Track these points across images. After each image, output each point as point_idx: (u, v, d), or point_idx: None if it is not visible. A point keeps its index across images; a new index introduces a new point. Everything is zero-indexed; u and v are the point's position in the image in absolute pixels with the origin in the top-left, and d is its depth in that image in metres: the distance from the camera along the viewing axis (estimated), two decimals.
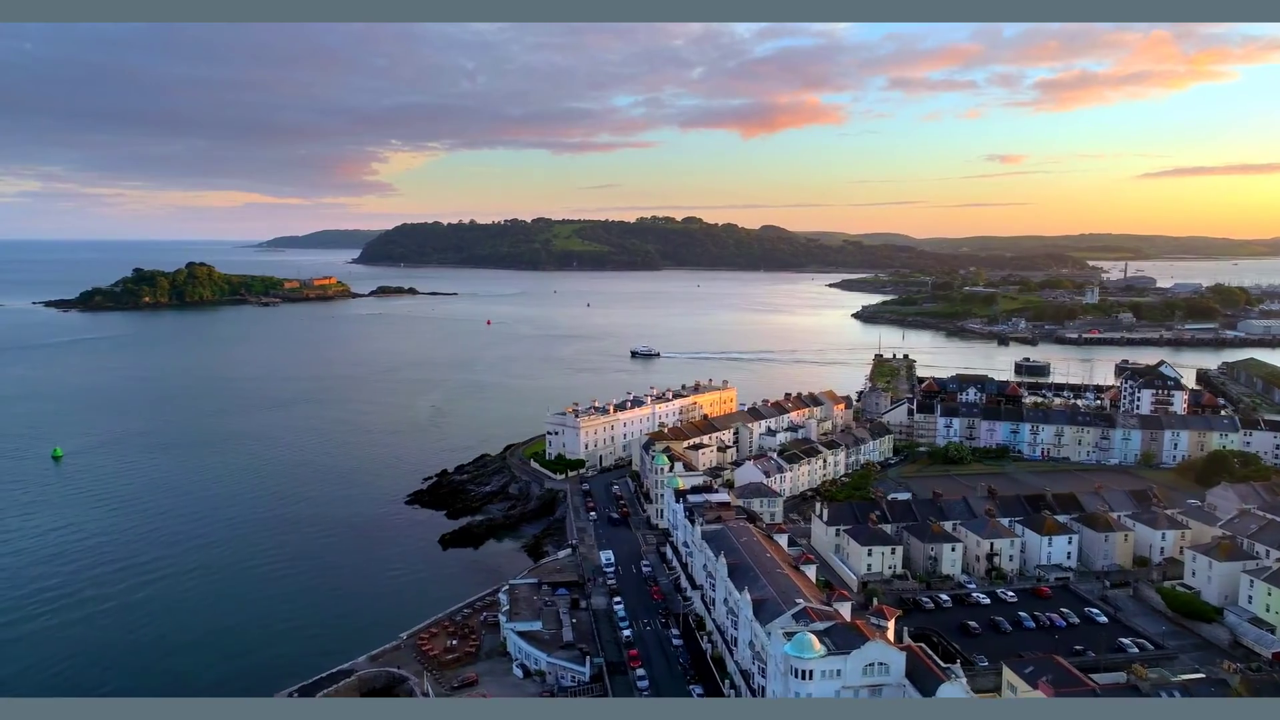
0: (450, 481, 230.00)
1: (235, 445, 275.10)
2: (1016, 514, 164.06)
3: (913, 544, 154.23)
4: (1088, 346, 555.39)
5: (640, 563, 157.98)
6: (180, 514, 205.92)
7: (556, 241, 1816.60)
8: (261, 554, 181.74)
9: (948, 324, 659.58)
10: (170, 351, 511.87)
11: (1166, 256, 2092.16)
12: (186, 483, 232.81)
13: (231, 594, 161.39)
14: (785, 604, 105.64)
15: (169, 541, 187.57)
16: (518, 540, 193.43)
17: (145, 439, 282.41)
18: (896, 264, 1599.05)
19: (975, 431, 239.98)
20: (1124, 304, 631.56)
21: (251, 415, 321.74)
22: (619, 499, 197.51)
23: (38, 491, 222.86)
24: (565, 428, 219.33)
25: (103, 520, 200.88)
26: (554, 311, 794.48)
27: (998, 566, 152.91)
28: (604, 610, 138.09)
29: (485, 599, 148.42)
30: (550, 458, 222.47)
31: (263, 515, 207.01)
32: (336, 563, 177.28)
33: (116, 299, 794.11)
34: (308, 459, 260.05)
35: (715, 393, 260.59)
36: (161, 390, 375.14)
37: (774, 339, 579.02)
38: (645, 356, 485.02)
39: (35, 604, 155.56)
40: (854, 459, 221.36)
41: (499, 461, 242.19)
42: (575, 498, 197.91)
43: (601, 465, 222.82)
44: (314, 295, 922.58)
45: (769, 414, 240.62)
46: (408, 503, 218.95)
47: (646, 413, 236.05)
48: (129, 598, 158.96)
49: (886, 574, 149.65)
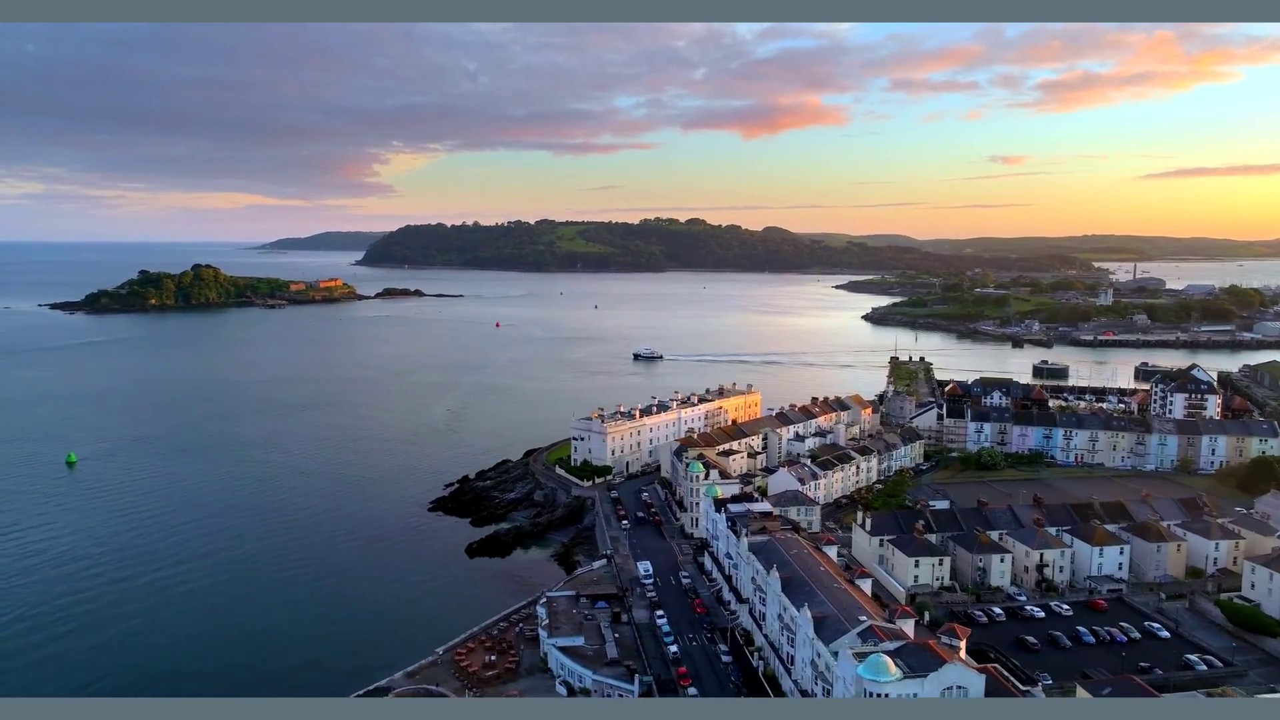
0: (473, 488, 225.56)
1: (250, 450, 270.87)
2: (1063, 523, 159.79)
3: (960, 555, 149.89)
4: (1103, 349, 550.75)
5: (679, 574, 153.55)
6: (197, 522, 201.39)
7: (560, 243, 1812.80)
8: (284, 564, 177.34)
9: (959, 326, 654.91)
10: (179, 354, 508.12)
11: (1170, 257, 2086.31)
12: (202, 489, 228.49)
13: (255, 607, 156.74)
14: (848, 621, 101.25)
15: (187, 551, 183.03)
16: (545, 549, 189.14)
17: (158, 444, 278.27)
18: (901, 265, 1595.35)
19: (1007, 437, 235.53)
20: (1138, 305, 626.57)
21: (265, 419, 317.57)
22: (649, 506, 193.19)
23: (53, 498, 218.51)
24: (591, 433, 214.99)
25: (118, 529, 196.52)
26: (562, 313, 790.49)
27: (1048, 578, 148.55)
28: (646, 624, 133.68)
29: (521, 611, 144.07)
30: (576, 463, 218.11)
31: (282, 523, 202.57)
32: (361, 572, 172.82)
33: (122, 301, 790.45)
34: (324, 464, 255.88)
35: (740, 397, 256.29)
36: (173, 393, 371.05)
37: (784, 341, 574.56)
38: (648, 359, 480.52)
39: (56, 613, 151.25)
40: (885, 465, 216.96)
41: (521, 467, 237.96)
42: (604, 505, 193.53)
43: (628, 471, 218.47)
44: (320, 297, 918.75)
45: (797, 419, 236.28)
46: (430, 510, 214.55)
47: (672, 417, 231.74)
48: (151, 615, 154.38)
49: (934, 586, 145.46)
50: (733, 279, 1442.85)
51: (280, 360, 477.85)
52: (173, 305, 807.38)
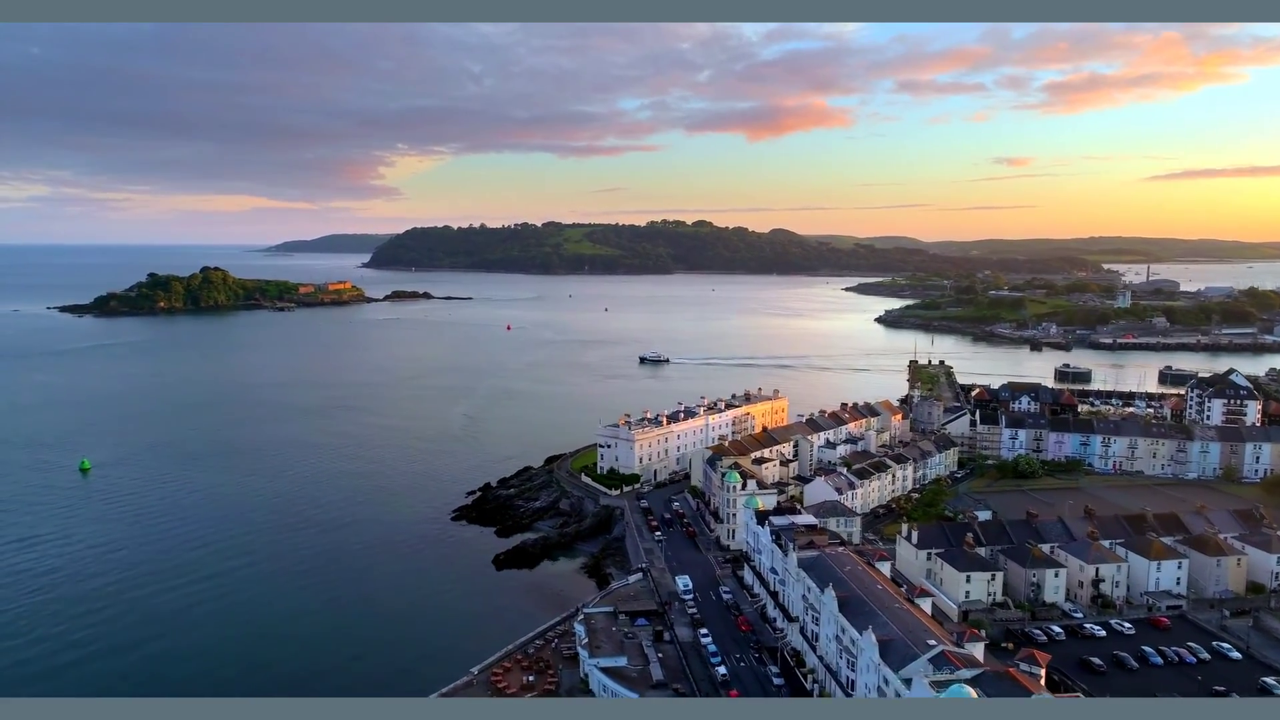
0: (496, 496, 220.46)
1: (265, 456, 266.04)
2: (1116, 536, 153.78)
3: (1011, 569, 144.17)
4: (1122, 351, 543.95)
5: (719, 589, 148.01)
6: (214, 533, 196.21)
7: (567, 245, 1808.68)
8: (304, 577, 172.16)
9: (974, 328, 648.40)
10: (190, 357, 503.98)
11: (1178, 259, 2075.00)
12: (219, 498, 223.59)
13: (275, 624, 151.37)
14: (916, 645, 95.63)
15: (204, 564, 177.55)
16: (574, 560, 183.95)
17: (173, 449, 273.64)
18: (910, 267, 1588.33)
19: (1043, 444, 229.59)
20: (1156, 308, 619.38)
21: (279, 424, 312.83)
22: (681, 516, 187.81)
23: (68, 508, 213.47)
24: (619, 440, 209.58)
25: (135, 540, 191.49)
26: (572, 316, 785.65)
27: (1103, 594, 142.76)
28: (690, 643, 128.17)
29: (557, 628, 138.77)
30: (602, 471, 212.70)
31: (301, 533, 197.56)
32: (386, 586, 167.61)
33: (131, 304, 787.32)
34: (342, 471, 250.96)
35: (766, 402, 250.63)
36: (185, 397, 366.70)
37: (798, 344, 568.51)
38: (654, 363, 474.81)
39: (78, 629, 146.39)
40: (920, 474, 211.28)
41: (545, 475, 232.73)
42: (634, 515, 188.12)
43: (656, 479, 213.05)
44: (329, 300, 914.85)
45: (827, 425, 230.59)
46: (454, 519, 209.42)
47: (700, 424, 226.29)
48: (170, 631, 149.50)
49: (986, 602, 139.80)
50: (741, 281, 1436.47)
51: (292, 364, 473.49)
52: (181, 308, 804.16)
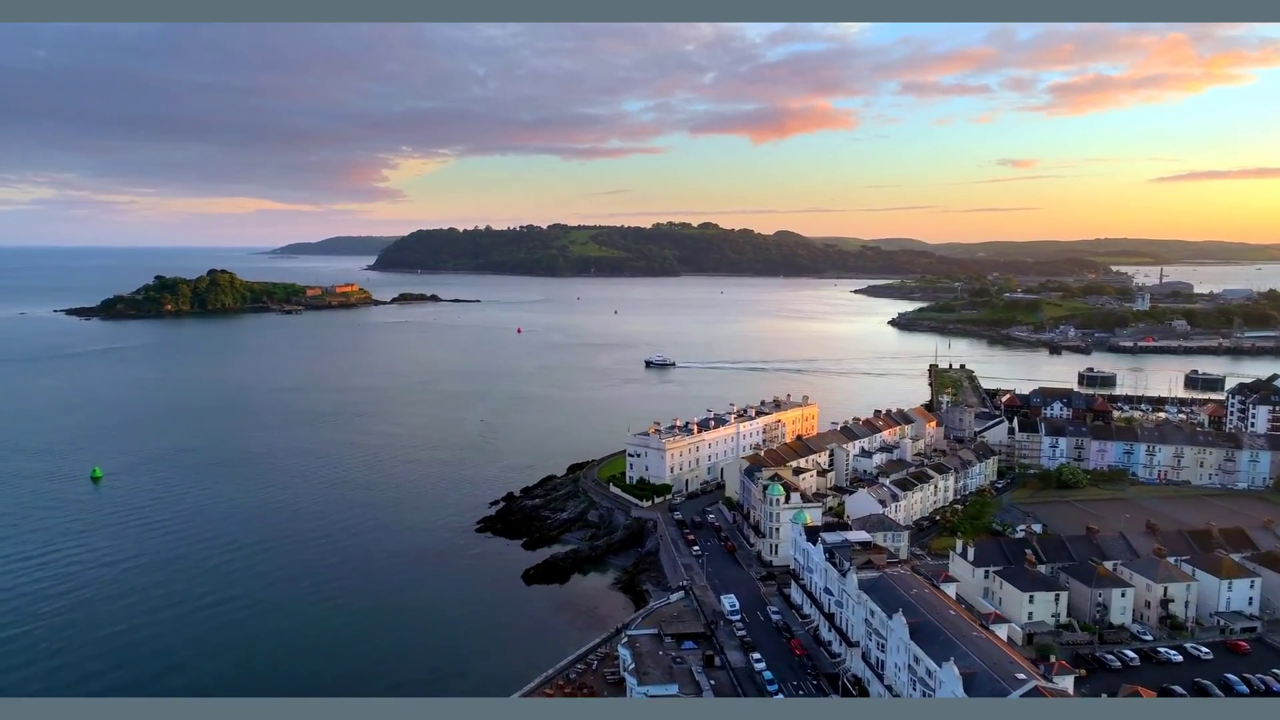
0: (521, 506, 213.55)
1: (280, 464, 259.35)
2: (1181, 552, 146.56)
3: (1075, 589, 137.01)
4: (1143, 355, 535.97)
5: (767, 609, 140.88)
6: (230, 545, 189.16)
7: (573, 248, 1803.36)
8: (326, 593, 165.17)
9: (990, 331, 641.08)
10: (200, 361, 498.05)
11: (1184, 261, 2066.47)
12: (233, 508, 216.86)
13: (302, 639, 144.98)
14: (1004, 680, 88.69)
15: (221, 579, 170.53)
16: (606, 574, 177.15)
17: (185, 457, 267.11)
18: (917, 269, 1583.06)
19: (1084, 452, 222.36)
20: (1176, 310, 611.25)
21: (293, 430, 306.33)
22: (717, 530, 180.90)
23: (81, 519, 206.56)
24: (649, 449, 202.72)
25: (150, 550, 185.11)
26: (581, 319, 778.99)
27: (1172, 614, 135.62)
28: (743, 668, 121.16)
29: (598, 650, 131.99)
30: (631, 481, 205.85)
31: (321, 545, 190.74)
32: (413, 603, 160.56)
33: (138, 306, 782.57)
34: (359, 479, 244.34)
35: (797, 409, 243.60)
36: (196, 402, 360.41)
37: (811, 348, 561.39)
38: (660, 366, 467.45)
39: (96, 651, 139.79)
40: (961, 484, 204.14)
41: (570, 484, 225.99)
42: (669, 528, 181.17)
43: (688, 490, 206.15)
44: (336, 303, 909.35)
45: (861, 433, 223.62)
46: (478, 530, 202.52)
47: (730, 432, 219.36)
48: (190, 656, 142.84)
49: (1050, 624, 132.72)
50: (748, 283, 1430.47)
51: (303, 368, 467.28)
52: (189, 311, 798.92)
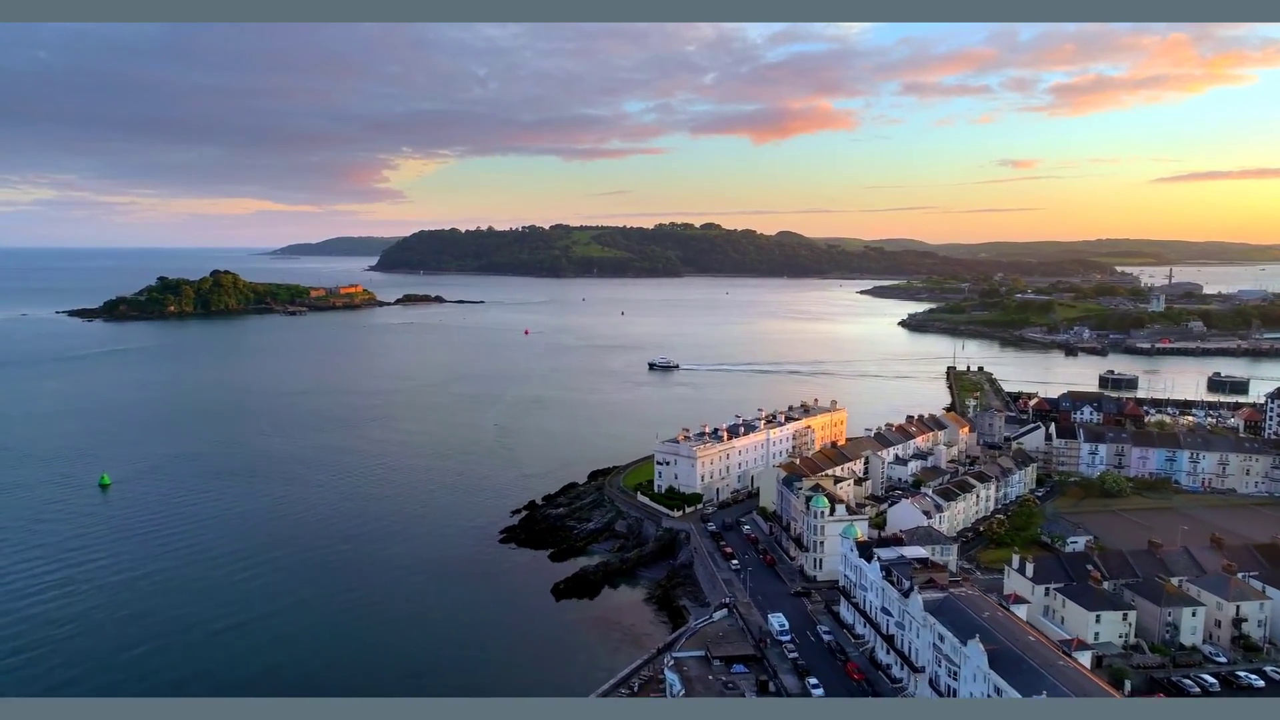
0: (545, 516, 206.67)
1: (292, 470, 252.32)
2: (1249, 567, 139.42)
3: (1143, 607, 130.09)
4: (1160, 356, 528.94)
5: (817, 629, 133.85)
6: (243, 556, 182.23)
7: (575, 248, 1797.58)
8: (349, 608, 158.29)
9: (1003, 333, 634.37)
10: (206, 364, 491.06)
11: (1186, 261, 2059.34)
12: (246, 515, 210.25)
13: (324, 655, 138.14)
14: None
15: (236, 591, 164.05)
16: (637, 588, 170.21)
17: (194, 463, 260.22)
18: (921, 270, 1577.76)
19: (1125, 459, 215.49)
20: (1192, 312, 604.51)
21: (304, 435, 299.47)
22: (754, 542, 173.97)
23: (90, 530, 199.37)
24: (679, 457, 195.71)
25: (159, 563, 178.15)
26: (589, 320, 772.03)
27: (1245, 635, 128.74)
28: (799, 695, 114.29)
29: (642, 673, 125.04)
30: (660, 490, 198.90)
31: (339, 557, 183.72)
32: (439, 619, 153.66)
33: (141, 308, 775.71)
34: (377, 486, 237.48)
35: (826, 415, 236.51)
36: (205, 406, 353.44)
37: (821, 349, 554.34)
38: (663, 369, 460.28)
39: (114, 672, 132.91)
40: (1002, 493, 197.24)
41: (594, 492, 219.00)
42: (703, 540, 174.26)
43: (719, 499, 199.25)
44: (340, 304, 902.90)
45: (895, 439, 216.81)
46: (502, 541, 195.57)
47: (761, 439, 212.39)
48: (209, 676, 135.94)
49: (1117, 645, 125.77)
50: (753, 284, 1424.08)
51: (311, 370, 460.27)
52: (192, 312, 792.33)
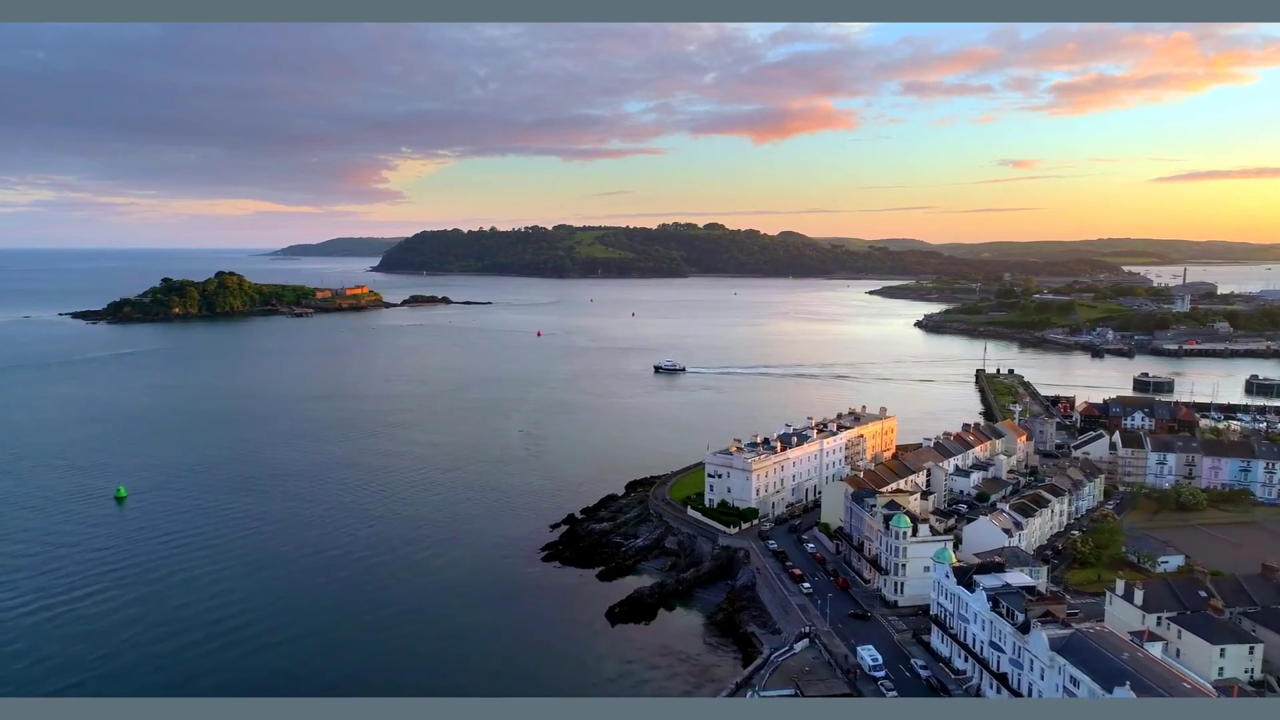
0: (588, 531, 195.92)
1: (314, 481, 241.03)
2: None
3: (1268, 639, 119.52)
4: (1187, 358, 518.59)
5: (910, 662, 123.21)
6: (268, 576, 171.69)
7: (579, 249, 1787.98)
8: (386, 627, 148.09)
9: (1022, 334, 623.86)
10: (215, 367, 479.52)
11: (1189, 261, 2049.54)
12: (270, 530, 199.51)
13: (360, 689, 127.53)
14: None
15: (265, 617, 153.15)
16: (694, 610, 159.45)
17: (211, 473, 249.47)
18: (927, 270, 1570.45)
19: (1196, 469, 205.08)
20: (1218, 313, 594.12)
21: (325, 443, 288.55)
22: (821, 562, 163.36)
23: (108, 548, 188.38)
24: (732, 469, 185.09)
25: (178, 583, 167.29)
26: (599, 322, 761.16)
27: None
28: None
29: None
30: (711, 505, 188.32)
31: (373, 575, 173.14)
32: (488, 647, 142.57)
33: (145, 309, 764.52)
34: (404, 498, 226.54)
35: (876, 423, 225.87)
36: (218, 412, 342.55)
37: (840, 351, 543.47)
38: (669, 372, 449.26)
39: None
40: (1074, 507, 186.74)
41: (636, 505, 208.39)
42: (764, 559, 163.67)
43: (773, 514, 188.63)
44: (346, 305, 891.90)
45: (955, 449, 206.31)
46: (545, 558, 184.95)
47: (814, 449, 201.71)
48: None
49: (1243, 681, 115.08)
50: (759, 285, 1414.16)
51: (325, 374, 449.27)
52: (196, 314, 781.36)
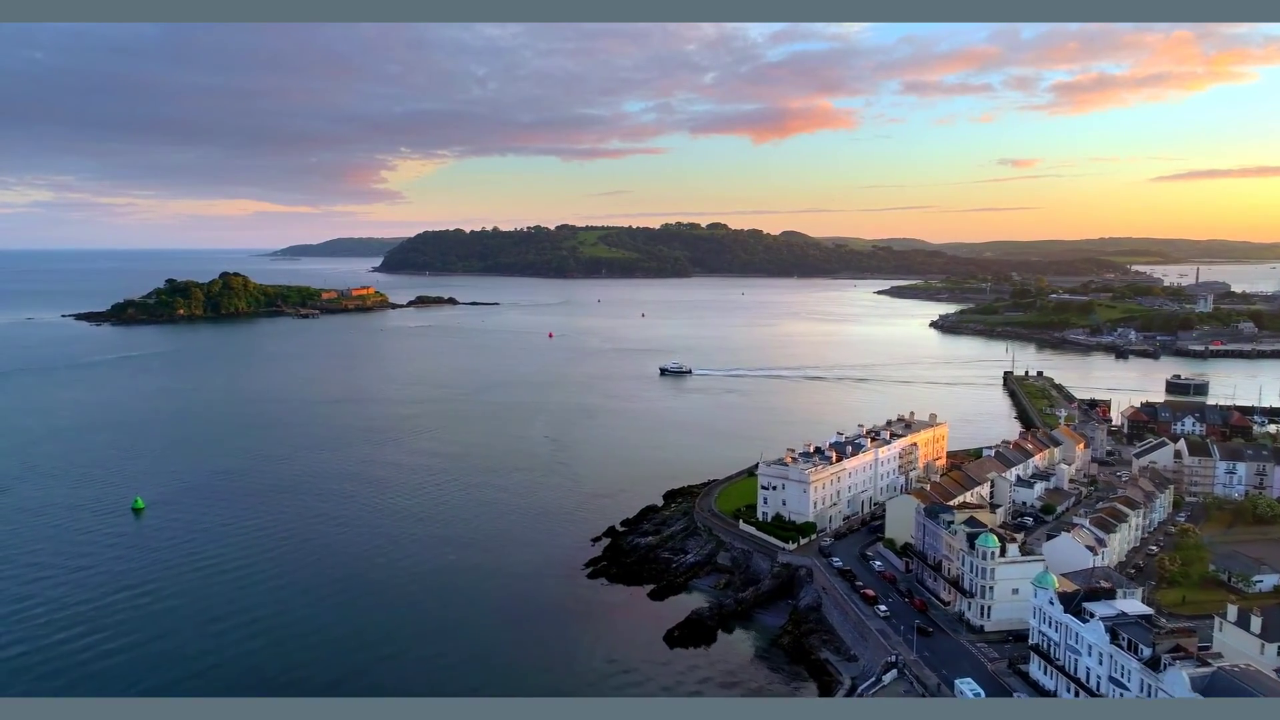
0: (633, 546, 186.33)
1: (338, 491, 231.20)
2: None
3: None
4: (1213, 360, 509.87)
5: (1014, 696, 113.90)
6: (298, 595, 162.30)
7: (583, 249, 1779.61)
8: (430, 652, 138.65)
9: (1041, 334, 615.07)
10: (226, 370, 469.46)
11: (1192, 260, 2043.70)
12: (296, 544, 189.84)
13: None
14: None
15: (297, 642, 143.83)
16: (754, 632, 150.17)
17: (231, 484, 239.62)
18: (932, 269, 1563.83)
19: (1268, 479, 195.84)
20: (1241, 312, 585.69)
21: (347, 449, 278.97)
22: (890, 581, 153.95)
23: (126, 564, 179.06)
24: (788, 481, 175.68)
25: (201, 604, 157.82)
26: (610, 323, 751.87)
27: None
28: None
29: None
30: (765, 518, 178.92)
31: (409, 594, 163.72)
32: (543, 673, 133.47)
33: (150, 311, 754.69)
34: (433, 509, 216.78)
35: (928, 430, 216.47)
36: (232, 417, 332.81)
37: (856, 353, 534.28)
38: (675, 374, 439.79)
39: None
40: (1148, 520, 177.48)
41: (680, 517, 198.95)
42: (829, 577, 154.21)
43: (831, 528, 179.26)
44: (353, 306, 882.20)
45: (1014, 459, 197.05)
46: (590, 575, 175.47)
47: (869, 459, 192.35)
48: None
49: None
50: (764, 284, 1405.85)
51: (338, 377, 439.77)
52: (201, 315, 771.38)
